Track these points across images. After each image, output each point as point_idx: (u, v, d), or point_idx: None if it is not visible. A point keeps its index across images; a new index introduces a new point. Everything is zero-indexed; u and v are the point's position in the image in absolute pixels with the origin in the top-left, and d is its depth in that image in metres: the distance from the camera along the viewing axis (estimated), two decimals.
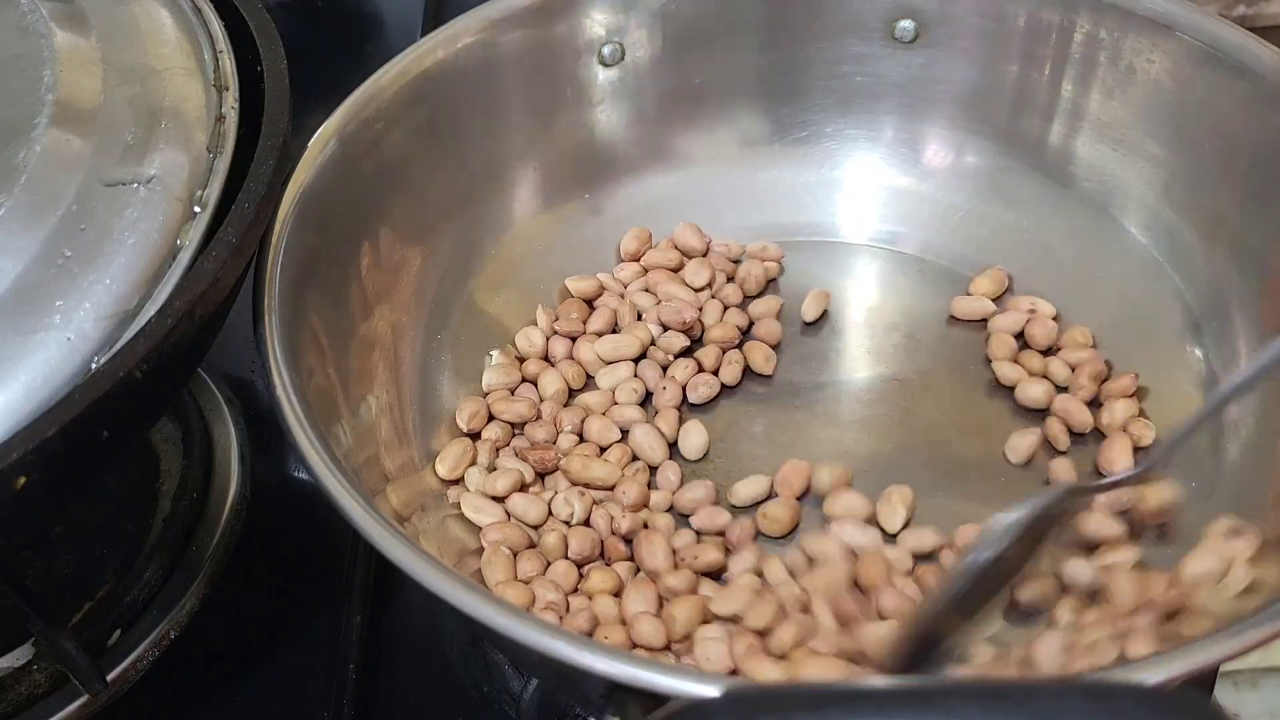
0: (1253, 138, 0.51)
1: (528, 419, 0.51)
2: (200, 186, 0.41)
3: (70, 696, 0.46)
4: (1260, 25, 0.93)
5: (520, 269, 0.57)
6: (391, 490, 0.46)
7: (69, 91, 0.40)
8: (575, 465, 0.49)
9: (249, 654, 0.50)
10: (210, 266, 0.38)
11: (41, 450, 0.33)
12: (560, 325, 0.55)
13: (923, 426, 0.52)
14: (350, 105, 0.50)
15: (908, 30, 0.58)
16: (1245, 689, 0.79)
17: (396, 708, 0.49)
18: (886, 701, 0.28)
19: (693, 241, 0.58)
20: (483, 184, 0.56)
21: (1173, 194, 0.54)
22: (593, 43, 0.57)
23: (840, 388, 0.54)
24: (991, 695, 0.28)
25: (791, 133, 0.60)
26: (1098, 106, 0.56)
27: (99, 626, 0.47)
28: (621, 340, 0.54)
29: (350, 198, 0.49)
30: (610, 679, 0.34)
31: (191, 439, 0.53)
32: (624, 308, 0.55)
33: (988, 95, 0.58)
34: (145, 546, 0.49)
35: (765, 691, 0.33)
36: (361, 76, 0.51)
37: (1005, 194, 0.58)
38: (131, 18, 0.44)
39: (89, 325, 0.36)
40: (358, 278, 0.50)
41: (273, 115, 0.43)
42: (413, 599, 0.51)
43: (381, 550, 0.37)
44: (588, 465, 0.49)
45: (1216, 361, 0.51)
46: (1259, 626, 0.35)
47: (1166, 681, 0.33)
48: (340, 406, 0.45)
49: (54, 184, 0.38)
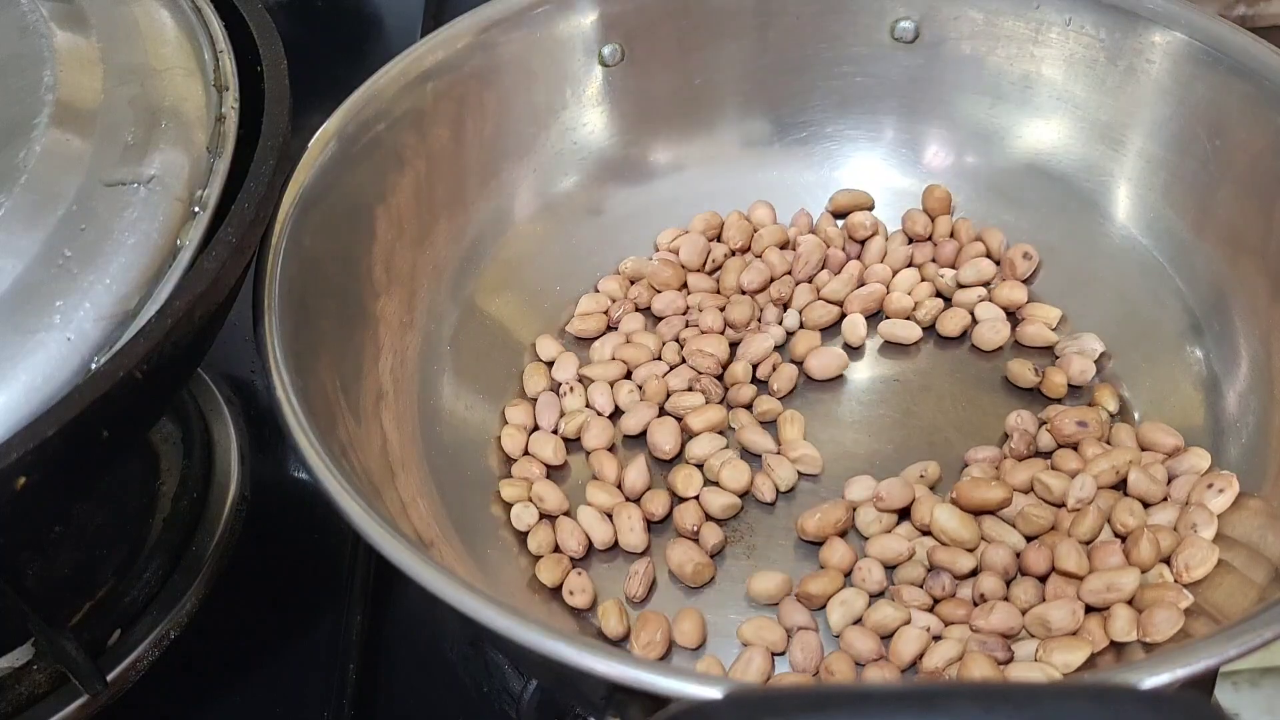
0: (1253, 138, 0.51)
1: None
2: (200, 186, 0.40)
3: (70, 696, 0.46)
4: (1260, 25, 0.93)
5: (520, 269, 0.57)
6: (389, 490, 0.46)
7: (69, 91, 0.40)
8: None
9: (249, 654, 0.50)
10: (210, 266, 0.38)
11: (41, 450, 0.33)
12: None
13: (923, 427, 0.52)
14: (350, 105, 0.50)
15: (908, 30, 0.58)
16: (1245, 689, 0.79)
17: (396, 708, 0.49)
18: (888, 703, 0.28)
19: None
20: (482, 184, 0.56)
21: (1173, 194, 0.54)
22: (592, 43, 0.57)
23: (840, 388, 0.54)
24: (993, 697, 0.28)
25: (791, 133, 0.60)
26: (1098, 106, 0.56)
27: (99, 626, 0.47)
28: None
29: (350, 198, 0.49)
30: (611, 681, 0.34)
31: (191, 439, 0.53)
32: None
33: (988, 95, 0.58)
34: (145, 546, 0.49)
35: (767, 693, 0.33)
36: (361, 76, 0.51)
37: (1005, 194, 0.58)
38: (131, 18, 0.44)
39: (89, 325, 0.36)
40: (358, 278, 0.50)
41: (273, 115, 0.43)
42: (413, 599, 0.51)
43: (381, 550, 0.37)
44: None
45: (1216, 361, 0.51)
46: (1259, 628, 0.35)
47: (1168, 683, 0.33)
48: (340, 406, 0.45)
49: (54, 184, 0.38)
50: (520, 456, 0.52)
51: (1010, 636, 0.44)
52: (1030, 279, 0.56)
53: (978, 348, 0.55)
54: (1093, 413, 0.50)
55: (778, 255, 0.57)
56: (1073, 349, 0.53)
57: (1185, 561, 0.44)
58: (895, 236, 0.59)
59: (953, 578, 0.46)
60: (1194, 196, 0.54)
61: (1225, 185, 0.52)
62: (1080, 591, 0.44)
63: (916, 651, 0.44)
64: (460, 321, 0.54)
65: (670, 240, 0.59)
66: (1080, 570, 0.45)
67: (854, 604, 0.46)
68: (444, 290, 0.54)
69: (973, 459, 0.50)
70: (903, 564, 0.47)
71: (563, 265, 0.58)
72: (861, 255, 0.58)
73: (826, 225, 0.59)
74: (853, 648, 0.45)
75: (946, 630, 0.45)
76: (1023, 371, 0.53)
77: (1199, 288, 0.53)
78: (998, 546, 0.46)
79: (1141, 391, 0.52)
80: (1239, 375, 0.50)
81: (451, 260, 0.54)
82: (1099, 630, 0.44)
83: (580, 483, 0.51)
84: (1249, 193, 0.52)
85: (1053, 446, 0.50)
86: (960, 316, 0.55)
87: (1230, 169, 0.52)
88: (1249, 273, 0.51)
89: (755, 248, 0.58)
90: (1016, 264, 0.56)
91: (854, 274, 0.57)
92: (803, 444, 0.51)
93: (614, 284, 0.57)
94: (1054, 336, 0.54)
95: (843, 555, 0.47)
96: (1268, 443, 0.48)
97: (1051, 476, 0.48)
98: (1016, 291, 0.56)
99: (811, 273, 0.57)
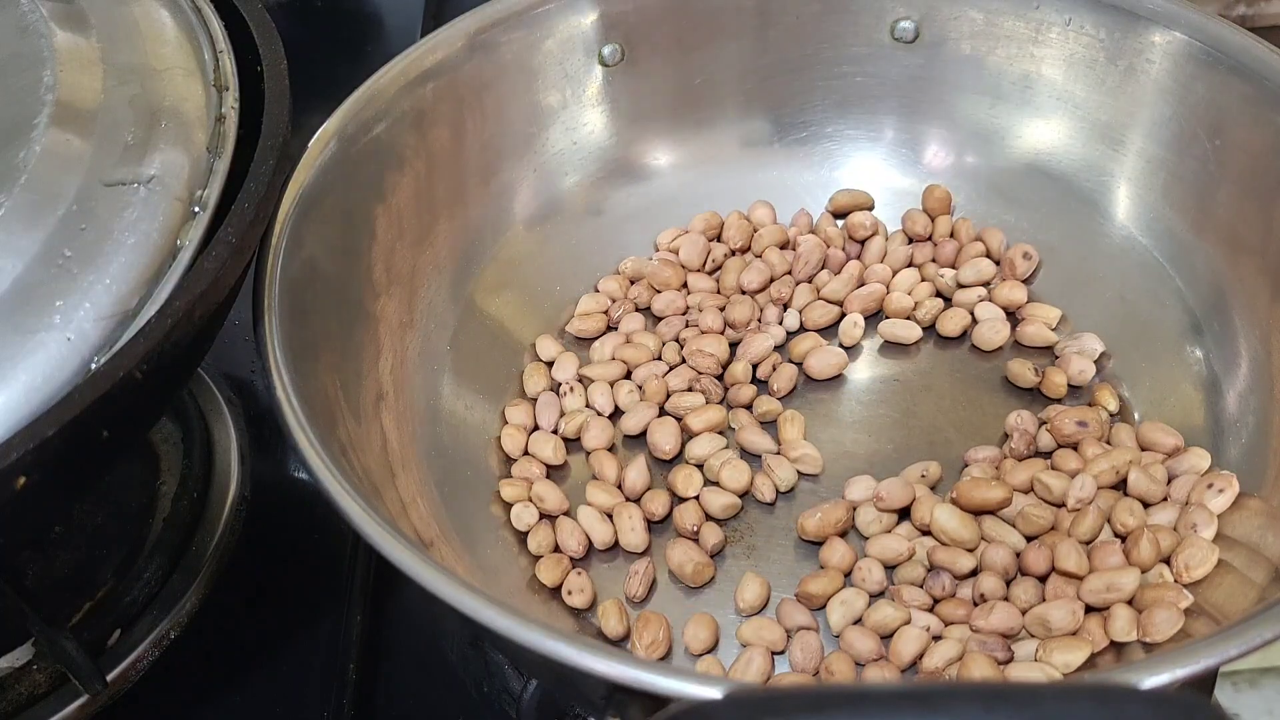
0: (1253, 138, 0.51)
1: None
2: (200, 186, 0.40)
3: (70, 696, 0.46)
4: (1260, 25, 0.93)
5: (520, 269, 0.57)
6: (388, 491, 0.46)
7: (69, 91, 0.40)
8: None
9: (249, 654, 0.50)
10: (210, 266, 0.38)
11: (41, 450, 0.33)
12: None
13: (923, 426, 0.52)
14: (350, 105, 0.50)
15: (908, 30, 0.58)
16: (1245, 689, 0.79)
17: (396, 707, 0.49)
18: (888, 703, 0.28)
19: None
20: (483, 184, 0.56)
21: (1173, 194, 0.54)
22: (592, 43, 0.57)
23: (840, 388, 0.54)
24: (994, 697, 0.28)
25: (791, 133, 0.60)
26: (1098, 106, 0.56)
27: (99, 626, 0.47)
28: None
29: (350, 198, 0.49)
30: (611, 681, 0.34)
31: (191, 439, 0.53)
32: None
33: (988, 95, 0.58)
34: (145, 546, 0.49)
35: (767, 693, 0.33)
36: (361, 76, 0.51)
37: (1005, 194, 0.58)
38: (131, 18, 0.44)
39: (89, 325, 0.36)
40: (358, 278, 0.49)
41: (273, 115, 0.43)
42: (413, 599, 0.51)
43: (381, 550, 0.37)
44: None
45: (1216, 361, 0.51)
46: (1259, 628, 0.35)
47: (1168, 683, 0.33)
48: (340, 406, 0.45)
49: (54, 184, 0.38)
50: (520, 456, 0.52)
51: (1010, 636, 0.44)
52: (1030, 279, 0.56)
53: (978, 348, 0.55)
54: (1093, 413, 0.50)
55: (778, 255, 0.57)
56: (1073, 349, 0.53)
57: (1185, 561, 0.44)
58: (895, 236, 0.59)
59: (953, 578, 0.46)
60: (1194, 196, 0.54)
61: (1225, 185, 0.52)
62: (1080, 591, 0.44)
63: (916, 651, 0.44)
64: (460, 321, 0.54)
65: (670, 240, 0.59)
66: (1080, 570, 0.45)
67: (854, 604, 0.46)
68: (444, 290, 0.54)
69: (973, 459, 0.50)
70: (903, 564, 0.47)
71: (563, 265, 0.58)
72: (861, 255, 0.58)
73: (826, 225, 0.59)
74: (853, 648, 0.45)
75: (946, 630, 0.45)
76: (1023, 371, 0.53)
77: (1199, 288, 0.53)
78: (998, 546, 0.46)
79: (1141, 391, 0.52)
80: (1239, 375, 0.50)
81: (451, 260, 0.54)
82: (1099, 630, 0.44)
83: (580, 483, 0.51)
84: (1249, 193, 0.52)
85: (1053, 446, 0.50)
86: (960, 316, 0.55)
87: (1230, 169, 0.52)
88: (1249, 273, 0.51)
89: (755, 247, 0.58)
90: (1016, 264, 0.56)
91: (854, 274, 0.57)
92: (803, 444, 0.51)
93: (614, 284, 0.57)
94: (1054, 336, 0.54)
95: (843, 555, 0.47)
96: (1268, 443, 0.48)
97: (1051, 476, 0.48)
98: (1016, 291, 0.56)
99: (811, 273, 0.57)
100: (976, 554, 0.46)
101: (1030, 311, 0.55)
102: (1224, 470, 0.48)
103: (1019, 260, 0.56)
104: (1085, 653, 0.43)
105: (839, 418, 0.53)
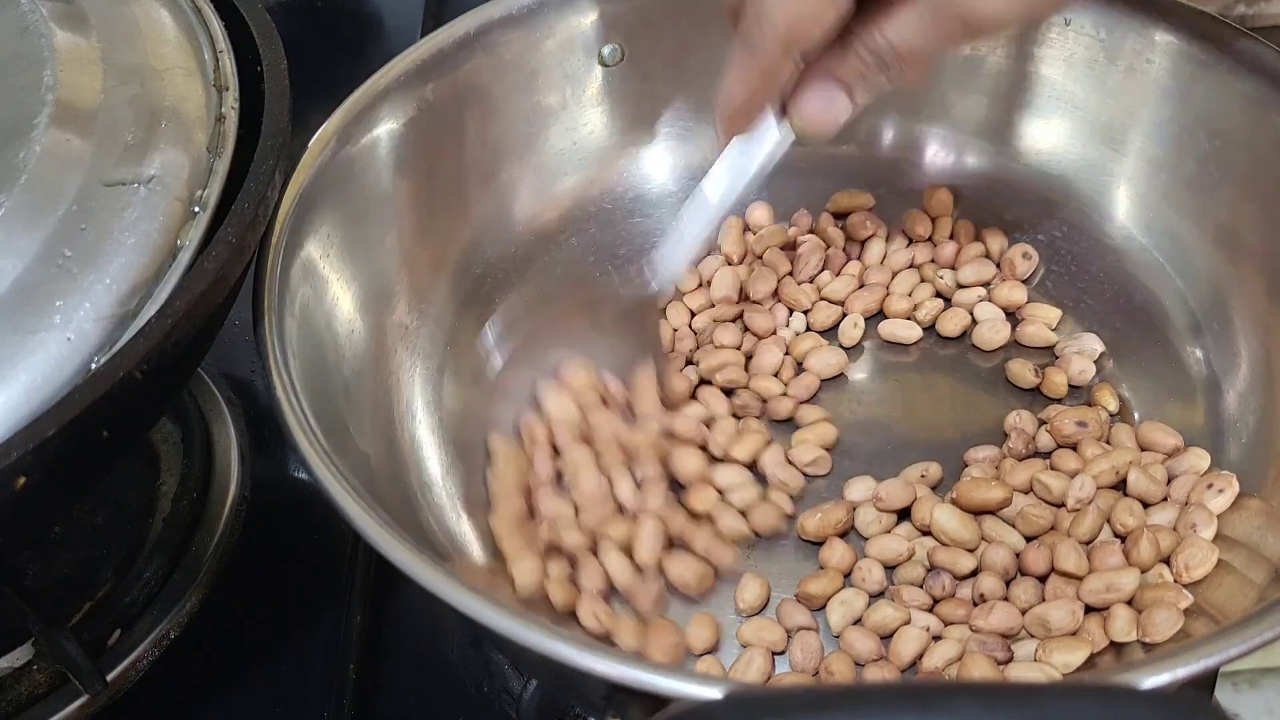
0: (1253, 138, 0.51)
1: None
2: (200, 186, 0.40)
3: (70, 696, 0.46)
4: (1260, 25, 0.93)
5: (520, 270, 0.57)
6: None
7: (69, 91, 0.40)
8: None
9: (249, 654, 0.50)
10: (210, 266, 0.38)
11: (41, 450, 0.33)
12: None
13: (923, 427, 0.52)
14: (350, 105, 0.50)
15: None
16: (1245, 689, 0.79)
17: (396, 708, 0.49)
18: (888, 703, 0.28)
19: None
20: (483, 184, 0.56)
21: (1173, 194, 0.54)
22: (592, 43, 0.57)
23: (840, 388, 0.54)
24: (994, 697, 0.28)
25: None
26: (1098, 106, 0.56)
27: (99, 626, 0.47)
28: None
29: (350, 198, 0.49)
30: (611, 681, 0.34)
31: (191, 439, 0.53)
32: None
33: (988, 95, 0.58)
34: (145, 546, 0.49)
35: (767, 693, 0.33)
36: (361, 76, 0.51)
37: (1005, 194, 0.58)
38: (131, 18, 0.44)
39: (89, 325, 0.36)
40: (358, 278, 0.49)
41: (273, 115, 0.43)
42: (413, 599, 0.51)
43: (381, 550, 0.37)
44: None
45: (1216, 361, 0.51)
46: (1259, 628, 0.35)
47: (1168, 683, 0.33)
48: (340, 407, 0.45)
49: (54, 184, 0.38)
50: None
51: (1010, 636, 0.44)
52: (1030, 279, 0.56)
53: (978, 348, 0.55)
54: (1092, 413, 0.50)
55: (779, 256, 0.57)
56: (1073, 349, 0.53)
57: (1185, 561, 0.44)
58: (896, 237, 0.59)
59: (953, 578, 0.46)
60: (1194, 196, 0.54)
61: (1225, 185, 0.52)
62: (1080, 592, 0.44)
63: (916, 651, 0.44)
64: (460, 321, 0.54)
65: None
66: (1080, 570, 0.45)
67: (854, 604, 0.46)
68: (444, 289, 0.54)
69: (973, 459, 0.50)
70: (903, 564, 0.47)
71: (562, 266, 0.57)
72: (862, 256, 0.58)
73: (827, 226, 0.59)
74: (853, 648, 0.45)
75: (946, 630, 0.45)
76: (1023, 371, 0.53)
77: (1199, 288, 0.53)
78: (998, 546, 0.46)
79: (1141, 391, 0.52)
80: (1239, 375, 0.50)
81: (451, 259, 0.54)
82: (1099, 630, 0.44)
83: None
84: (1249, 193, 0.52)
85: (1052, 446, 0.50)
86: (960, 316, 0.55)
87: (1230, 169, 0.52)
88: (1249, 273, 0.51)
89: (756, 248, 0.58)
90: (1016, 264, 0.56)
91: (854, 275, 0.57)
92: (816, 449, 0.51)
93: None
94: (1054, 336, 0.54)
95: (843, 555, 0.47)
96: (1268, 443, 0.48)
97: (1051, 476, 0.48)
98: (1016, 291, 0.56)
99: (812, 274, 0.57)
100: (976, 554, 0.46)
101: (1030, 311, 0.55)
102: (1224, 470, 0.48)
103: (1019, 260, 0.56)
104: (1085, 653, 0.43)
105: (839, 418, 0.53)
